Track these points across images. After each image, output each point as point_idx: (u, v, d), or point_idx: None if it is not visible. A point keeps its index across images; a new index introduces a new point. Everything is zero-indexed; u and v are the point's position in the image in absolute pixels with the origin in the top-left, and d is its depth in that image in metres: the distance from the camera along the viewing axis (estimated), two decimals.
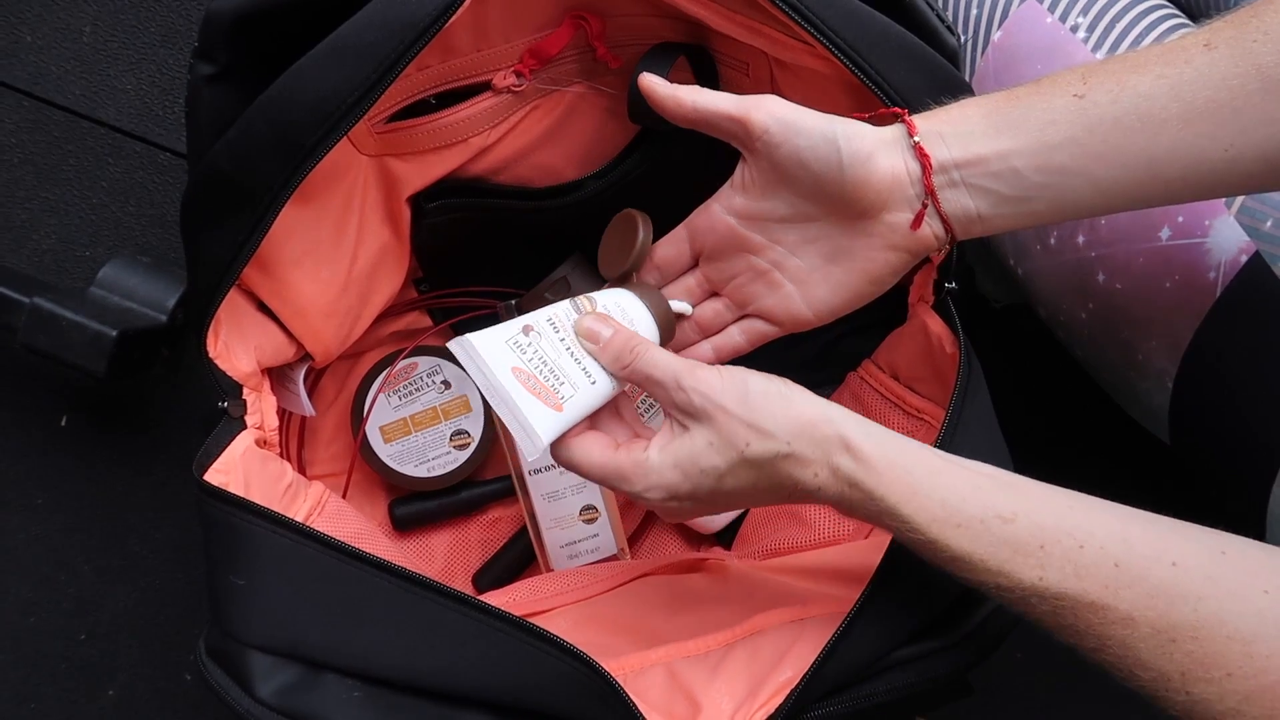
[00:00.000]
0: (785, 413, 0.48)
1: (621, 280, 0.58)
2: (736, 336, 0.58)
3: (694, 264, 0.58)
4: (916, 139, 0.50)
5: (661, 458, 0.49)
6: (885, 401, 0.69)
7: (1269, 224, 0.57)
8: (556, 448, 0.52)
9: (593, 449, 0.51)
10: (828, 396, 0.76)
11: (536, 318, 0.52)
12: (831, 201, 0.51)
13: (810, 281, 0.55)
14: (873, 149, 0.50)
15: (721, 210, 0.56)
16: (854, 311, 0.56)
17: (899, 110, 0.51)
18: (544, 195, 0.73)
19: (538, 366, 0.50)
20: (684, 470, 0.49)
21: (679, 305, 0.57)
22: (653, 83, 0.54)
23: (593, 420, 0.53)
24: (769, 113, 0.51)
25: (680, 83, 0.66)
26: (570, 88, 0.69)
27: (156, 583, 0.85)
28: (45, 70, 0.87)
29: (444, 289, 0.80)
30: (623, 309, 0.53)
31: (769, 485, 0.49)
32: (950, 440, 0.54)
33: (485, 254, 0.78)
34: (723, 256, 0.57)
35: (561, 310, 0.52)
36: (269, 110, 0.51)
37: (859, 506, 0.47)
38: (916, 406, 0.66)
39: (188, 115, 0.56)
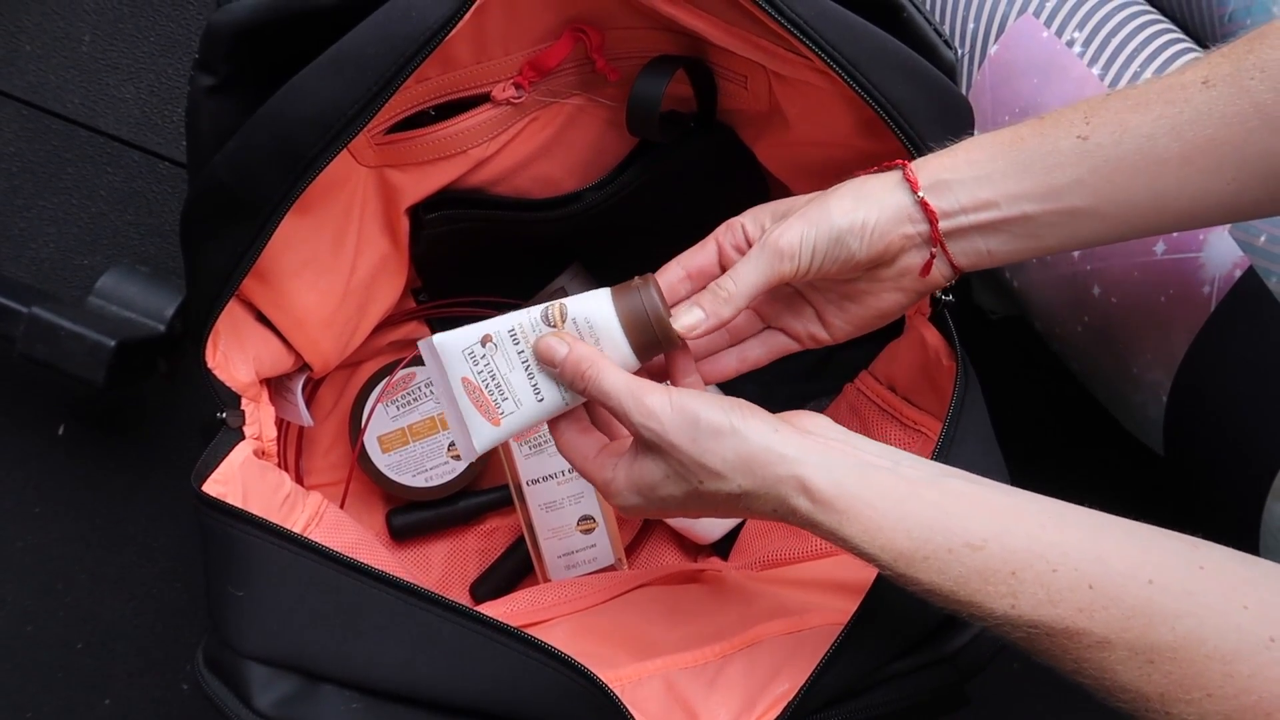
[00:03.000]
0: (736, 452, 0.47)
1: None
2: (757, 349, 0.58)
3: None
4: (921, 194, 0.50)
5: (625, 479, 0.51)
6: (882, 414, 0.69)
7: (1263, 239, 0.57)
8: (554, 432, 0.54)
9: (578, 447, 0.53)
10: (824, 408, 0.77)
11: (499, 326, 0.52)
12: (851, 269, 0.53)
13: (828, 312, 0.56)
14: (875, 221, 0.50)
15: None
16: None
17: (902, 163, 0.52)
18: (543, 206, 0.73)
19: (486, 380, 0.52)
20: (644, 495, 0.50)
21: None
22: (695, 323, 0.51)
23: (591, 413, 0.55)
24: (790, 252, 0.51)
25: (678, 94, 0.67)
26: (569, 100, 0.69)
27: (154, 592, 0.85)
28: (44, 79, 0.87)
29: (442, 299, 0.80)
30: (591, 323, 0.51)
31: (731, 511, 0.49)
32: (946, 453, 0.54)
33: (484, 264, 0.78)
34: None
35: (528, 320, 0.51)
36: (269, 122, 0.51)
37: (825, 538, 0.47)
38: (913, 419, 0.66)
39: (188, 126, 0.56)
